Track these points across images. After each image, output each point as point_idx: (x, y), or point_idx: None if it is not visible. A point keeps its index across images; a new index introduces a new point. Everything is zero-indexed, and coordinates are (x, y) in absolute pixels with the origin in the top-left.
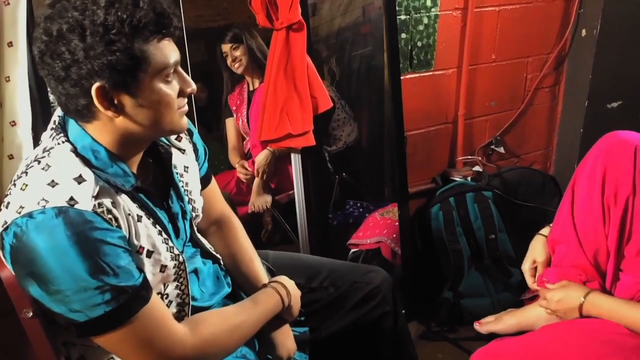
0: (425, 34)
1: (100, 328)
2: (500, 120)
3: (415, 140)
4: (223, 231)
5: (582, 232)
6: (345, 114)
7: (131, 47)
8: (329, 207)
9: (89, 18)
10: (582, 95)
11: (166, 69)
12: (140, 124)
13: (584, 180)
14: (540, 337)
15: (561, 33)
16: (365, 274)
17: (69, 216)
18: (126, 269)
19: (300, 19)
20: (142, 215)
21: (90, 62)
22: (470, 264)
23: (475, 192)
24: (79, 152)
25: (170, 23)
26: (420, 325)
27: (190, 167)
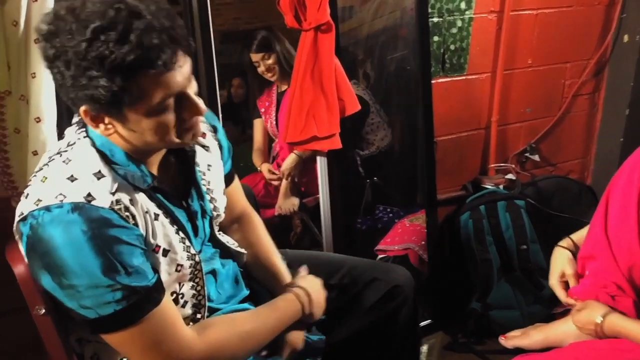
0: (458, 37)
1: (109, 326)
2: (535, 127)
3: (446, 145)
4: (244, 228)
5: (616, 247)
6: (379, 118)
7: (111, 84)
8: (356, 212)
9: (73, 49)
10: (623, 103)
11: (157, 104)
12: (136, 141)
13: (618, 192)
14: (567, 355)
15: (602, 38)
16: (387, 272)
17: (86, 212)
18: (139, 269)
19: (328, 20)
20: (159, 214)
21: (75, 90)
22: (500, 275)
23: (507, 201)
24: (98, 147)
25: (162, 60)
26: (446, 335)
27: (213, 165)
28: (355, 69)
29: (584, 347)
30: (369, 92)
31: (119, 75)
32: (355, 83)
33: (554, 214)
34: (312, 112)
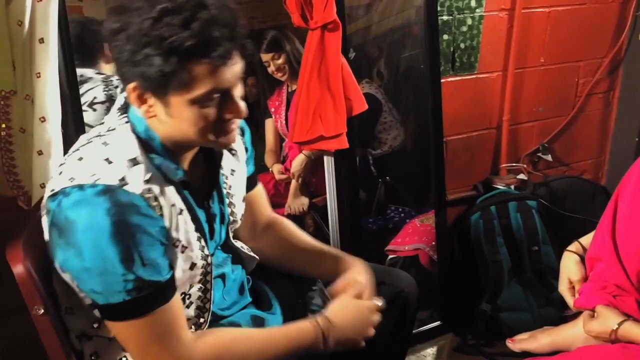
0: (468, 35)
1: (115, 314)
2: (548, 127)
3: (456, 145)
4: (276, 231)
5: (624, 249)
6: (392, 117)
7: (165, 65)
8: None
9: (137, 25)
10: (638, 102)
11: (203, 95)
12: (173, 131)
13: (628, 193)
14: (574, 359)
15: (616, 36)
16: (394, 277)
17: (116, 196)
18: (155, 263)
19: (335, 19)
20: (183, 209)
21: (129, 65)
22: (511, 276)
23: (518, 201)
24: (138, 133)
25: (219, 52)
26: (455, 337)
27: (237, 170)
28: (369, 67)
29: (591, 351)
30: (381, 91)
31: (174, 58)
32: (368, 82)
33: (567, 214)
34: (319, 112)
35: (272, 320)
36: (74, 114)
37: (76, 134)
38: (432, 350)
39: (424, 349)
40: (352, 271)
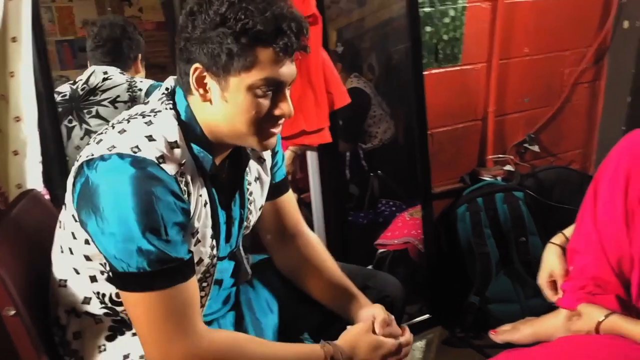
0: (451, 26)
1: (133, 284)
2: (534, 118)
3: (442, 138)
4: (300, 245)
5: (605, 238)
6: (382, 111)
7: (233, 44)
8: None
9: (216, 6)
10: (624, 90)
11: (260, 81)
12: (222, 118)
13: (606, 182)
14: (555, 349)
15: (601, 25)
16: (379, 281)
17: (152, 170)
18: (179, 241)
19: (314, 12)
20: (207, 202)
21: (199, 43)
22: (499, 268)
23: (505, 193)
24: (181, 121)
25: (284, 42)
26: (444, 330)
27: (261, 178)
28: (359, 61)
29: (572, 341)
30: (370, 85)
31: (244, 39)
32: (357, 76)
33: (555, 205)
34: (300, 106)
35: (264, 324)
36: (49, 112)
37: (52, 133)
38: (420, 344)
39: (413, 343)
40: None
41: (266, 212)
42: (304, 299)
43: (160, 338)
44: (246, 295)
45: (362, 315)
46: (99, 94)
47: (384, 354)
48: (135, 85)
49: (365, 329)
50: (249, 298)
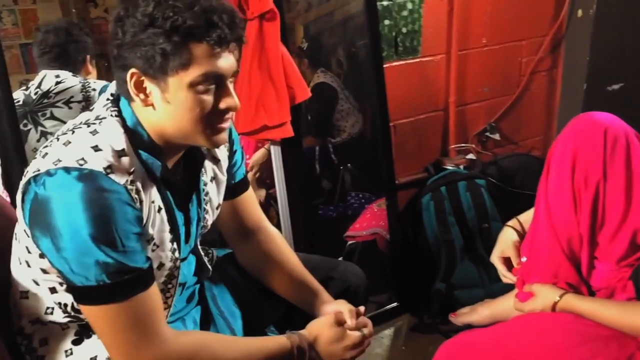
0: (410, 19)
1: (93, 297)
2: (494, 107)
3: (405, 129)
4: (261, 241)
5: (556, 219)
6: (349, 105)
7: (166, 44)
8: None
9: (142, 8)
10: (580, 78)
11: (199, 77)
12: (167, 120)
13: (555, 164)
14: (509, 328)
15: (556, 14)
16: (342, 272)
17: (101, 181)
18: (136, 251)
19: (272, 8)
20: (162, 208)
21: (132, 47)
22: (463, 254)
23: (467, 181)
24: (127, 127)
25: (217, 34)
26: (412, 317)
27: (217, 178)
28: (326, 56)
29: (524, 319)
30: (337, 79)
31: (176, 36)
32: (323, 71)
33: (516, 191)
34: (262, 101)
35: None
36: (8, 115)
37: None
38: (389, 332)
39: (381, 331)
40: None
41: (227, 210)
42: (267, 293)
43: (127, 348)
44: (210, 291)
45: (325, 310)
46: (53, 97)
47: (348, 345)
48: (89, 86)
49: (330, 322)
50: (214, 294)
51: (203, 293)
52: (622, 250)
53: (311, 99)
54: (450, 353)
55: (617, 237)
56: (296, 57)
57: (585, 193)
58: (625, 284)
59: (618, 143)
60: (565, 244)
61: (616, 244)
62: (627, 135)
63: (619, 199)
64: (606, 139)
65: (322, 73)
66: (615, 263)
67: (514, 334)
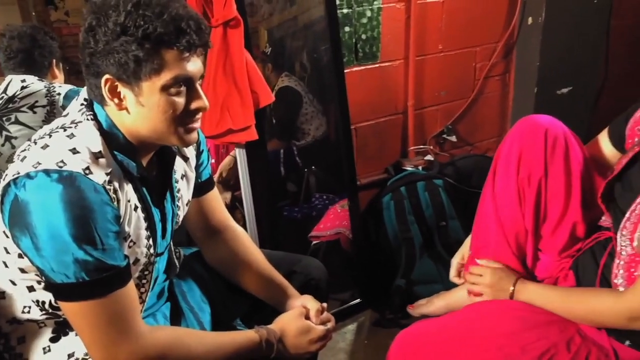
0: (369, 26)
1: (71, 294)
2: (451, 110)
3: (366, 131)
4: (227, 240)
5: (503, 214)
6: (313, 108)
7: (139, 50)
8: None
9: (114, 17)
10: (531, 82)
11: (171, 80)
12: (141, 123)
13: (502, 163)
14: (459, 316)
15: (508, 22)
16: (304, 265)
17: (80, 182)
18: (114, 248)
19: (236, 15)
20: (138, 207)
21: (105, 55)
22: (422, 251)
23: (426, 181)
24: (102, 130)
25: (186, 40)
26: (374, 313)
27: (187, 175)
28: (292, 59)
29: (475, 307)
30: (301, 83)
31: (148, 43)
32: (287, 75)
33: (472, 191)
34: (227, 106)
35: (200, 314)
36: None
37: None
38: (352, 327)
39: (345, 326)
40: (302, 298)
41: (193, 209)
42: (233, 289)
43: (105, 343)
44: (180, 287)
45: (291, 304)
46: (18, 101)
47: (313, 338)
48: (54, 90)
49: (296, 315)
50: (183, 290)
51: (172, 290)
52: (562, 242)
53: (276, 103)
54: (405, 341)
55: (558, 230)
56: (260, 62)
57: (529, 189)
58: (566, 273)
59: (557, 143)
60: (512, 237)
61: (557, 236)
62: (565, 136)
63: (559, 194)
64: (546, 140)
65: (286, 77)
66: (557, 254)
67: (463, 322)
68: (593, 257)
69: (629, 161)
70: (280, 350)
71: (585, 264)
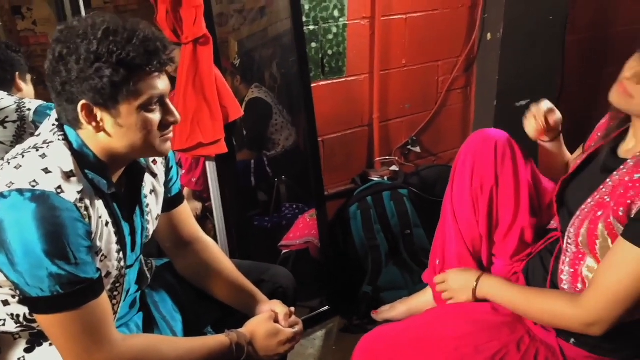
0: (335, 42)
1: (47, 307)
2: (415, 122)
3: (333, 143)
4: (198, 251)
5: (460, 221)
6: (283, 119)
7: (114, 76)
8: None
9: (85, 46)
10: (491, 95)
11: (147, 100)
12: (119, 142)
13: (457, 174)
14: (419, 320)
15: (468, 37)
16: (272, 274)
17: (53, 200)
18: (86, 262)
19: (205, 33)
20: (109, 222)
21: (80, 82)
22: (389, 259)
23: (391, 191)
24: (73, 149)
25: (157, 60)
26: (342, 319)
27: (156, 190)
28: (260, 71)
29: (433, 312)
30: (271, 94)
31: (123, 69)
32: (257, 86)
33: (436, 200)
34: (197, 120)
35: (172, 323)
36: None
37: None
38: (321, 333)
39: (314, 332)
40: (270, 303)
41: (164, 223)
42: (203, 297)
43: (80, 352)
44: (152, 298)
45: (261, 309)
46: None
47: (282, 340)
48: (24, 106)
49: (265, 319)
50: (155, 300)
51: (144, 300)
52: (513, 247)
53: (246, 114)
54: (367, 345)
55: (509, 236)
56: (230, 74)
57: (482, 197)
58: (518, 277)
59: (506, 155)
60: (470, 242)
61: (508, 241)
62: (513, 149)
63: (509, 202)
64: (496, 152)
65: (256, 88)
66: (509, 258)
67: (423, 325)
68: (541, 261)
69: (582, 162)
70: (251, 353)
71: (534, 268)
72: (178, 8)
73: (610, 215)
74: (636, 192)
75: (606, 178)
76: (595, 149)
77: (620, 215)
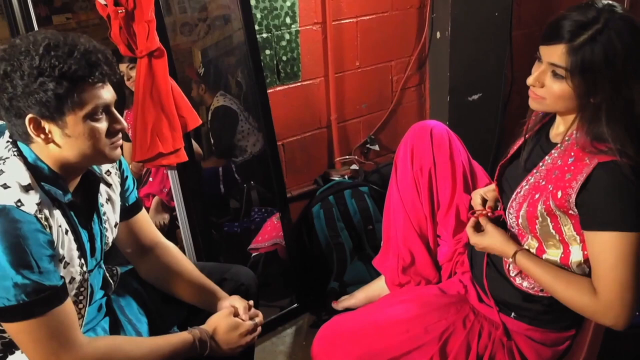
0: (288, 48)
1: (13, 316)
2: (372, 121)
3: (294, 146)
4: (159, 255)
5: (406, 204)
6: (249, 125)
7: (58, 88)
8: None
9: (28, 62)
10: (444, 91)
11: (92, 109)
12: (70, 151)
13: (400, 160)
14: (374, 306)
15: (419, 37)
16: (234, 273)
17: (14, 214)
18: (50, 271)
19: (159, 46)
20: (68, 230)
21: (26, 97)
22: (353, 255)
23: (352, 189)
24: (28, 164)
25: (99, 72)
26: (311, 315)
27: (112, 199)
28: (227, 78)
29: (387, 298)
30: (236, 102)
31: (65, 81)
32: (222, 94)
33: None
34: (156, 131)
35: (138, 326)
36: None
37: None
38: (291, 330)
39: (284, 330)
40: (230, 298)
41: (124, 231)
42: (168, 299)
43: (48, 356)
44: (118, 303)
45: (222, 305)
46: None
47: (242, 332)
48: None
49: (225, 314)
50: (121, 305)
51: (110, 305)
52: (452, 225)
53: (212, 123)
54: (325, 333)
55: (448, 214)
56: (195, 83)
57: (422, 179)
58: (462, 259)
59: (442, 140)
60: (416, 224)
61: (447, 220)
62: (448, 134)
63: (446, 182)
64: (432, 137)
65: (221, 96)
66: (452, 238)
67: (376, 310)
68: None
69: (518, 148)
70: (214, 348)
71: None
72: (131, 23)
73: (550, 198)
74: (572, 176)
75: (539, 162)
76: (530, 134)
77: (558, 198)
